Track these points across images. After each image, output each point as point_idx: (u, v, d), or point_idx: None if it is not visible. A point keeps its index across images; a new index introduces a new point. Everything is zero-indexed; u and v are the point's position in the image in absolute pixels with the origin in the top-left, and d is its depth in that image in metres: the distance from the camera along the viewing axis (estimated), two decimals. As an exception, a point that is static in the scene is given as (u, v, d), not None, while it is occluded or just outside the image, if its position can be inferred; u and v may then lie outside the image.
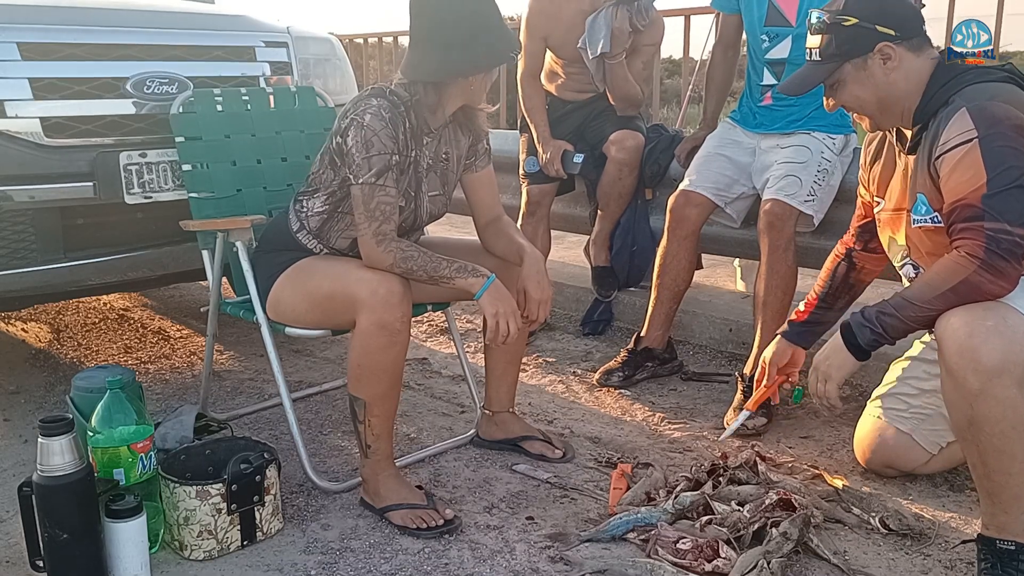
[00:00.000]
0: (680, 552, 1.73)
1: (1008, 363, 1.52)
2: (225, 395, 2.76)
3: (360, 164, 1.87)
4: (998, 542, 1.61)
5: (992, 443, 1.57)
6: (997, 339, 1.53)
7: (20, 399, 2.73)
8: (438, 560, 1.80)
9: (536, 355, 3.11)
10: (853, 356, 1.76)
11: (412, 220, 2.05)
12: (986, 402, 1.54)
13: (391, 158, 1.89)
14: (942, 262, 1.66)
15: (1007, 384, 1.53)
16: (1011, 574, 1.59)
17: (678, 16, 4.47)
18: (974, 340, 1.54)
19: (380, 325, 1.83)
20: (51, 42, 2.42)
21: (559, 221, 3.77)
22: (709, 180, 2.75)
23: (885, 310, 1.70)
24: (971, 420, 1.58)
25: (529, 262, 2.01)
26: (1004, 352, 1.53)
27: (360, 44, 6.80)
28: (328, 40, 3.14)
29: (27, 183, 2.34)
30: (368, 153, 1.87)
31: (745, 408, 2.23)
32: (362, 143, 1.87)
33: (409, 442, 2.39)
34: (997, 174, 1.56)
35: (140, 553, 1.70)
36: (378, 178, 1.88)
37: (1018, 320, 1.56)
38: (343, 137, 1.90)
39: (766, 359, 2.12)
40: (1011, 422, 1.54)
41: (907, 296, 1.68)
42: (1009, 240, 1.55)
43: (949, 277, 1.61)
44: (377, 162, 1.87)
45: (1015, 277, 1.58)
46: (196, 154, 2.35)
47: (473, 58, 1.89)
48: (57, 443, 1.62)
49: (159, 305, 3.81)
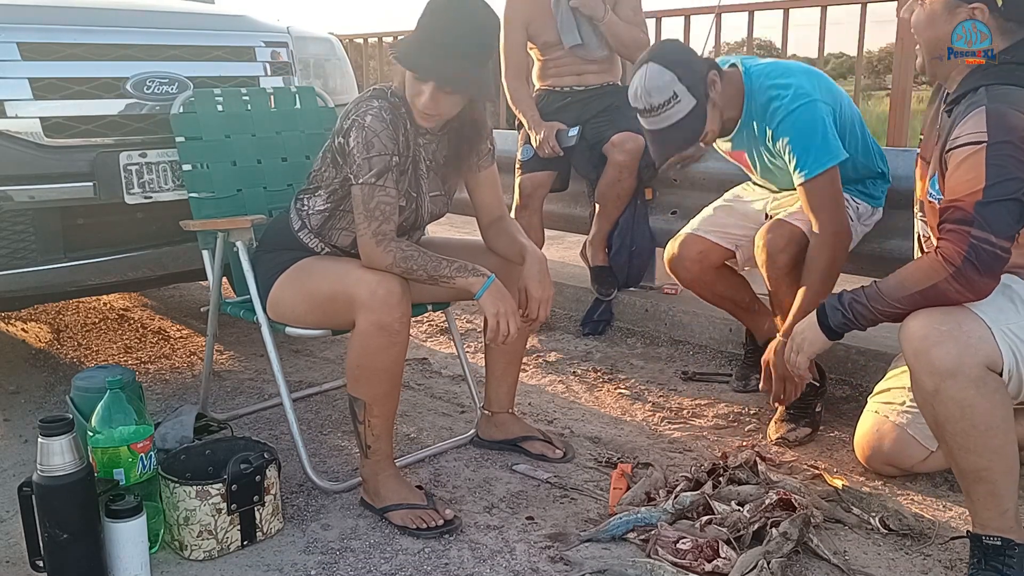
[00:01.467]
0: (680, 552, 1.73)
1: (963, 365, 1.55)
2: (225, 395, 2.76)
3: (361, 164, 1.88)
4: (984, 538, 1.63)
5: (957, 442, 1.60)
6: (951, 343, 1.56)
7: (20, 399, 2.73)
8: (438, 560, 1.80)
9: (536, 355, 3.11)
10: (824, 335, 1.79)
11: (413, 219, 2.05)
12: (943, 403, 1.58)
13: (391, 159, 1.89)
14: (919, 262, 1.69)
15: (962, 385, 1.55)
16: (996, 568, 1.61)
17: (678, 16, 4.48)
18: (928, 342, 1.58)
19: (379, 326, 1.83)
20: (51, 42, 2.42)
21: (559, 221, 3.78)
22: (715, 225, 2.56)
23: (859, 298, 1.72)
24: (935, 419, 1.62)
25: (531, 261, 2.00)
26: (958, 355, 1.55)
27: (360, 44, 6.80)
28: (328, 40, 3.14)
29: (27, 183, 2.34)
30: (369, 154, 1.87)
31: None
32: (363, 144, 1.87)
33: (409, 442, 2.39)
34: (996, 183, 1.55)
35: (140, 553, 1.70)
36: (378, 178, 1.88)
37: (974, 325, 1.58)
38: (345, 137, 1.91)
39: None
40: (971, 422, 1.56)
41: (881, 289, 1.69)
42: (990, 252, 1.55)
43: (921, 279, 1.63)
44: (377, 163, 1.88)
45: (985, 291, 1.58)
46: (196, 154, 2.35)
47: (416, 61, 1.86)
48: (57, 443, 1.62)
49: (159, 305, 3.81)
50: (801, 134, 2.14)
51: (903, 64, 3.93)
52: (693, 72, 2.13)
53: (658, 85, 2.11)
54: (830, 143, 2.15)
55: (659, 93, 2.11)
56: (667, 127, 2.15)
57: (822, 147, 2.14)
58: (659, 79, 2.10)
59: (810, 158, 2.14)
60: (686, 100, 2.11)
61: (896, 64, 4.04)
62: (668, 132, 2.16)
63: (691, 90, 2.11)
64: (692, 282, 2.56)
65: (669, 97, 2.10)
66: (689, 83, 2.11)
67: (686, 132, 2.16)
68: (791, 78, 2.21)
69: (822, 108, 2.16)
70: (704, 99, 2.13)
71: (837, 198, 2.19)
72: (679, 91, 2.09)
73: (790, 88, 2.18)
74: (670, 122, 2.14)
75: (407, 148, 1.95)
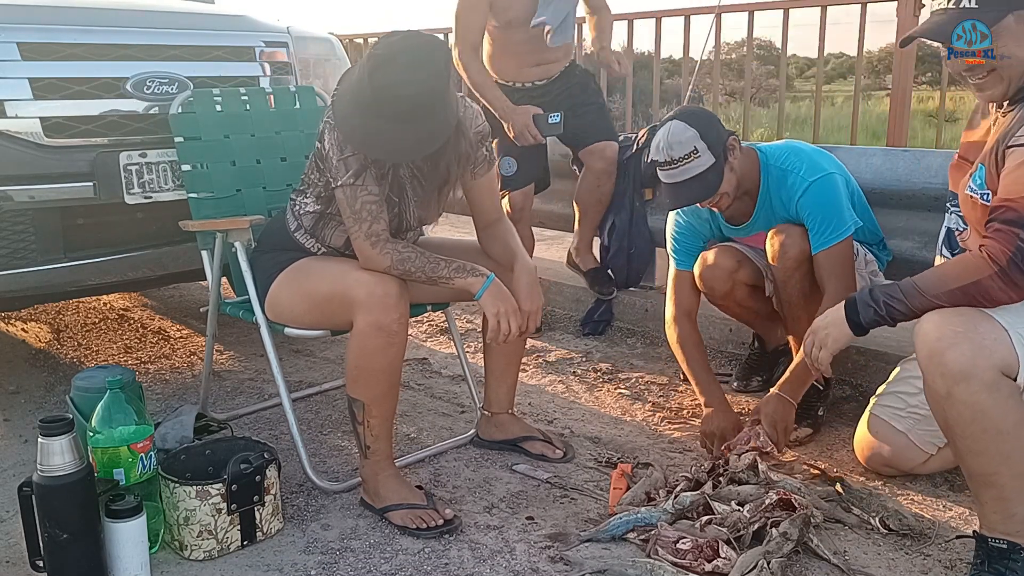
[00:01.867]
0: (680, 552, 1.73)
1: (976, 368, 1.53)
2: (225, 395, 2.76)
3: (337, 167, 1.87)
4: (990, 540, 1.62)
5: (967, 445, 1.58)
6: (965, 344, 1.54)
7: (20, 399, 2.73)
8: (438, 560, 1.80)
9: (536, 355, 3.11)
10: (851, 331, 1.76)
11: (398, 224, 2.03)
12: (954, 406, 1.56)
13: (366, 158, 1.88)
14: (962, 258, 1.65)
15: (975, 389, 1.53)
16: (999, 571, 1.60)
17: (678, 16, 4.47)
18: (942, 344, 1.56)
19: (377, 326, 1.82)
20: (51, 42, 2.42)
21: (558, 221, 3.78)
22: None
23: (894, 294, 1.68)
24: (946, 422, 1.61)
25: (520, 272, 1.99)
26: (971, 357, 1.53)
27: (360, 44, 6.80)
28: (328, 40, 3.14)
29: (27, 183, 2.35)
30: (343, 155, 1.86)
31: None
32: (336, 145, 1.87)
33: (409, 442, 2.39)
34: None
35: (140, 553, 1.70)
36: (356, 179, 1.87)
37: (990, 327, 1.56)
38: (321, 141, 1.90)
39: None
40: (982, 425, 1.55)
41: (919, 284, 1.65)
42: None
43: (963, 275, 1.59)
44: (353, 163, 1.87)
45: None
46: (195, 154, 2.35)
47: (365, 140, 1.81)
48: (57, 443, 1.62)
49: (159, 305, 3.82)
50: (820, 206, 2.23)
51: (903, 64, 3.93)
52: (714, 132, 2.21)
53: (680, 140, 2.19)
54: (845, 214, 2.24)
55: (680, 147, 2.19)
56: (685, 180, 2.22)
57: (839, 217, 2.23)
58: (682, 134, 2.19)
59: (829, 228, 2.22)
60: (706, 156, 2.19)
61: (896, 64, 4.03)
62: (685, 185, 2.23)
63: (711, 148, 2.19)
64: (724, 295, 2.49)
65: (690, 151, 2.18)
66: (710, 141, 2.19)
67: (702, 186, 2.23)
68: (804, 156, 2.30)
69: (837, 179, 2.26)
70: (723, 159, 2.22)
71: (848, 267, 2.25)
72: (700, 147, 2.18)
73: (803, 163, 2.28)
74: (688, 175, 2.21)
75: None
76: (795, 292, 2.29)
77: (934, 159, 2.62)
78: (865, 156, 2.75)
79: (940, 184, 2.56)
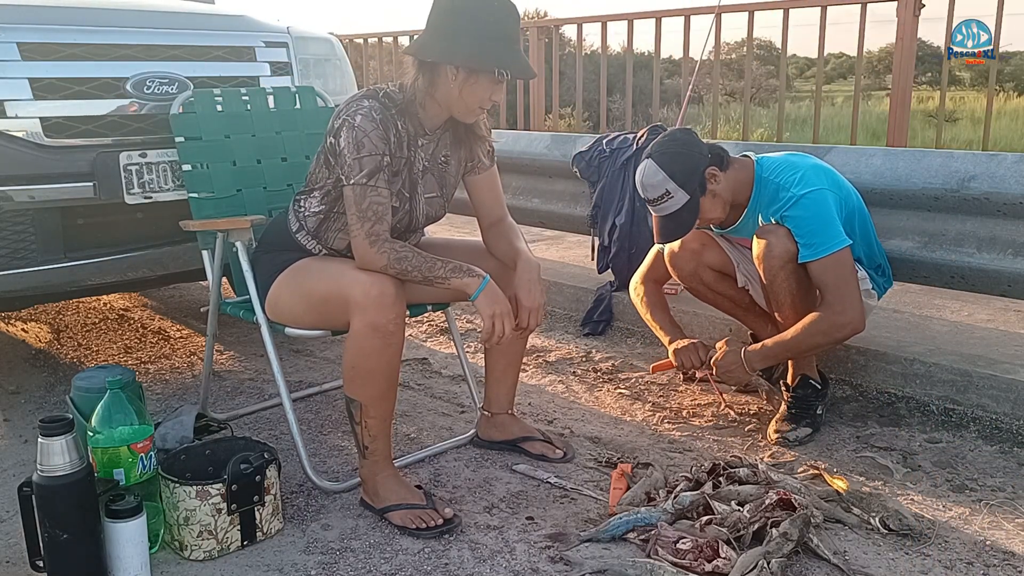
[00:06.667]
0: (680, 552, 1.73)
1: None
2: (225, 395, 2.76)
3: (351, 165, 1.87)
4: None
5: None
6: None
7: (20, 399, 2.73)
8: (438, 560, 1.80)
9: (536, 355, 3.11)
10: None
11: (408, 222, 2.04)
12: None
13: (382, 159, 1.89)
14: None
15: None
16: None
17: (678, 16, 4.48)
18: None
19: (373, 327, 1.82)
20: (51, 42, 2.42)
21: (559, 221, 3.78)
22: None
23: None
24: None
25: (522, 269, 2.00)
26: None
27: (360, 44, 6.81)
28: (328, 40, 3.14)
29: (27, 183, 2.35)
30: (359, 154, 1.87)
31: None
32: (353, 144, 1.87)
33: (409, 442, 2.39)
34: None
35: (140, 553, 1.70)
36: (369, 179, 1.87)
37: None
38: (335, 137, 1.90)
39: None
40: None
41: None
42: None
43: None
44: (368, 163, 1.87)
45: None
46: (196, 154, 2.35)
47: (474, 54, 1.88)
48: (57, 443, 1.62)
49: (159, 305, 3.82)
50: (805, 219, 2.25)
51: (903, 64, 3.93)
52: (687, 169, 2.28)
53: (652, 183, 2.30)
54: (832, 229, 2.24)
55: (653, 189, 2.31)
56: (665, 216, 2.35)
57: (824, 232, 2.23)
58: (653, 177, 2.30)
59: (816, 240, 2.23)
60: (679, 195, 2.29)
61: (896, 64, 4.04)
62: (665, 221, 2.36)
63: (684, 186, 2.28)
64: (690, 275, 2.56)
65: (662, 194, 2.30)
66: (682, 180, 2.28)
67: (676, 224, 2.35)
68: (800, 171, 2.30)
69: (828, 196, 2.27)
70: (699, 193, 2.30)
71: (844, 278, 2.23)
72: (671, 188, 2.28)
73: (797, 177, 2.29)
74: (665, 213, 2.33)
75: (399, 149, 1.95)
76: (782, 291, 2.28)
77: (934, 159, 2.62)
78: (865, 156, 2.75)
79: (940, 184, 2.57)
